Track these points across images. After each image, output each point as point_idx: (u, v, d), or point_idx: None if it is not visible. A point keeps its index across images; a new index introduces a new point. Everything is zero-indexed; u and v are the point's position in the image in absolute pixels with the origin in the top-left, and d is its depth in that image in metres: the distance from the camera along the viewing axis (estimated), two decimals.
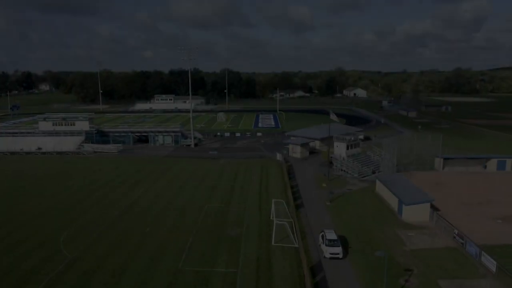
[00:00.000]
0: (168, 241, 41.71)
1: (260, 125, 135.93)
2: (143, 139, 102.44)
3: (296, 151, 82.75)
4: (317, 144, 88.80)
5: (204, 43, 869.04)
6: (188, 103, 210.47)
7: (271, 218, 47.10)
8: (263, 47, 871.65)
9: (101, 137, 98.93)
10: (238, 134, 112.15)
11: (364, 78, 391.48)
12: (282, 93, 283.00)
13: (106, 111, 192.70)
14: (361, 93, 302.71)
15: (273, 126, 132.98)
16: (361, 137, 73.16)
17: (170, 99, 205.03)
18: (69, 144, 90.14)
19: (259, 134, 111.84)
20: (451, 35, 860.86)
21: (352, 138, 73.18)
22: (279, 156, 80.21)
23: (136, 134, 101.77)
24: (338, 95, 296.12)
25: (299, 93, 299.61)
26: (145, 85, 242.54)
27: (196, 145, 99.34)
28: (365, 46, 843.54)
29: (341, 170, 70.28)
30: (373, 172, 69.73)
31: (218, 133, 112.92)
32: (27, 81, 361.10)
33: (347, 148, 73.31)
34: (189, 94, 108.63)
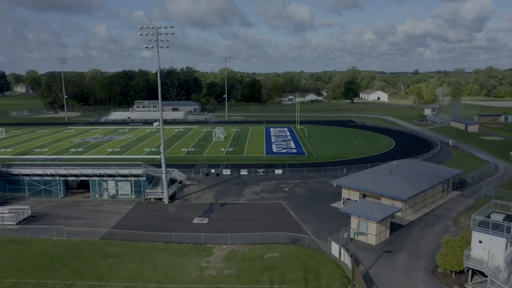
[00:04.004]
0: None
1: (275, 148, 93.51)
2: (86, 183, 60.44)
3: (368, 231, 40.76)
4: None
5: (203, 42, 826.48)
6: (180, 111, 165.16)
7: None
8: (263, 47, 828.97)
9: (7, 184, 56.90)
10: (244, 171, 69.73)
11: (377, 79, 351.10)
12: (291, 97, 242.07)
13: (72, 121, 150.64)
14: (382, 96, 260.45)
15: (295, 150, 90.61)
16: None
17: (154, 106, 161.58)
18: None
19: (277, 171, 69.24)
20: (451, 35, 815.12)
21: None
22: (334, 248, 38.25)
23: (69, 178, 59.18)
24: (356, 99, 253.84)
25: (311, 96, 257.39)
26: (127, 88, 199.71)
27: (172, 197, 57.48)
28: (367, 45, 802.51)
29: None
30: None
31: (213, 170, 70.29)
32: (0, 82, 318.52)
33: (507, 247, 31.43)
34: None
